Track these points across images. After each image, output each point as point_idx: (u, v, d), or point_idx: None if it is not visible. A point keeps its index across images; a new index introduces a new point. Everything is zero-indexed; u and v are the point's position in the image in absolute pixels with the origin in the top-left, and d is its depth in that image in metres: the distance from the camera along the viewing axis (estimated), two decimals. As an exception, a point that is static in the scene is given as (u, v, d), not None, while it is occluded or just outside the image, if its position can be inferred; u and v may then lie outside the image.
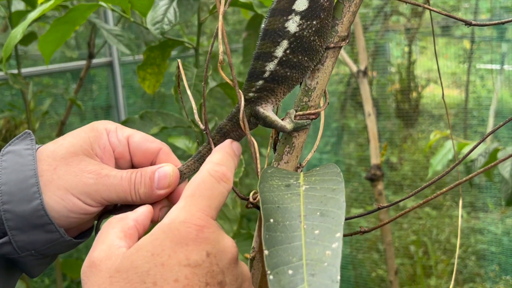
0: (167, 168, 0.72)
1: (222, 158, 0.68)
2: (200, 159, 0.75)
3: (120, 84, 3.03)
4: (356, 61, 2.83)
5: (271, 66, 0.70)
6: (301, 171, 0.77)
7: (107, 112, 3.13)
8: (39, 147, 0.71)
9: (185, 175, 0.74)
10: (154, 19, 1.28)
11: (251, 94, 0.72)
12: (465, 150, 2.46)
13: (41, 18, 2.07)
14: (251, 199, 0.73)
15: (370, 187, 2.66)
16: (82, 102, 3.11)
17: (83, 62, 2.80)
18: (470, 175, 0.70)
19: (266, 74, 0.71)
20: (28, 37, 2.22)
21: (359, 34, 2.31)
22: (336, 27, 0.72)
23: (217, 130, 0.76)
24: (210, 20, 3.78)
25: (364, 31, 3.51)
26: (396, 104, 3.79)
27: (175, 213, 0.60)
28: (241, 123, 0.72)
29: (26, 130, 0.74)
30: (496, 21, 0.81)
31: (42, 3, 1.33)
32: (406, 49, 4.07)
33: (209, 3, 2.60)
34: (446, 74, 4.02)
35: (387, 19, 3.74)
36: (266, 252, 0.52)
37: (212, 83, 1.71)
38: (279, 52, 0.69)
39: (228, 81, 0.73)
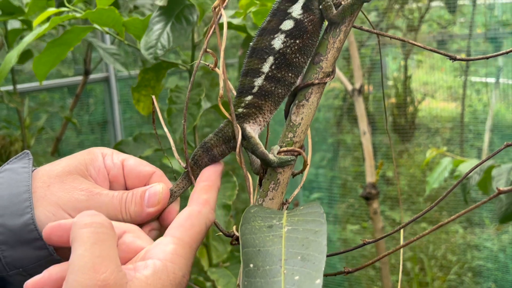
0: (157, 186, 0.73)
1: (210, 196, 0.70)
2: (187, 177, 0.76)
3: (116, 100, 3.03)
4: (351, 77, 2.84)
5: (259, 81, 0.73)
6: (287, 207, 0.76)
7: (103, 127, 3.13)
8: (36, 168, 0.73)
9: (175, 193, 0.75)
10: (148, 43, 1.28)
11: (240, 110, 0.74)
12: (461, 166, 2.46)
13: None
14: (236, 234, 0.73)
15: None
16: (78, 117, 3.11)
17: (79, 78, 2.80)
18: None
19: (255, 89, 0.73)
20: (24, 55, 2.22)
21: (354, 52, 2.32)
22: (320, 63, 0.73)
23: (201, 144, 0.77)
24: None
25: (360, 47, 3.52)
26: (392, 118, 3.80)
27: (166, 257, 0.61)
28: (237, 153, 0.73)
29: (25, 150, 0.75)
30: (481, 56, 0.81)
31: (37, 25, 1.33)
32: (403, 62, 4.09)
33: (205, 21, 2.61)
34: (442, 88, 4.04)
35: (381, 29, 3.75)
36: None
37: (206, 104, 1.71)
38: (266, 68, 0.73)
39: (228, 116, 0.73)
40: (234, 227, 0.74)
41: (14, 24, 2.12)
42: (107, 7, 1.28)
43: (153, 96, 0.80)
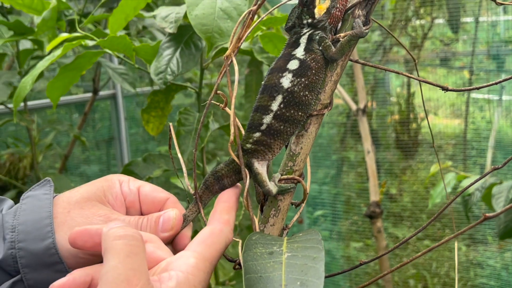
0: (171, 212, 0.76)
1: (230, 217, 0.74)
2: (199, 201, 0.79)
3: (123, 116, 3.07)
4: (355, 95, 2.87)
5: (267, 119, 0.76)
6: (287, 233, 0.79)
7: (109, 143, 3.16)
8: (57, 195, 0.77)
9: (188, 218, 0.78)
10: (158, 69, 1.31)
11: (248, 145, 0.77)
12: (464, 182, 2.49)
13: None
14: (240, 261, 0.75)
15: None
16: (85, 133, 3.14)
17: (86, 95, 2.83)
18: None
19: (263, 127, 0.76)
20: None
21: (358, 73, 2.35)
22: (318, 95, 0.77)
23: (212, 172, 0.80)
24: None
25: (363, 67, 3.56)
26: (395, 135, 3.82)
27: (188, 270, 0.64)
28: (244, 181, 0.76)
29: (46, 178, 0.79)
30: (474, 86, 0.83)
31: (50, 51, 1.37)
32: (406, 80, 4.11)
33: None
34: (445, 105, 4.06)
35: (387, 52, 3.79)
36: None
37: (214, 125, 1.74)
38: (275, 106, 0.76)
39: (235, 158, 0.76)
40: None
41: (25, 44, 2.16)
42: (118, 35, 1.31)
43: (170, 124, 0.83)
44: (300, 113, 0.76)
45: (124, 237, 0.60)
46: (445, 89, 0.81)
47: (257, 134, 0.76)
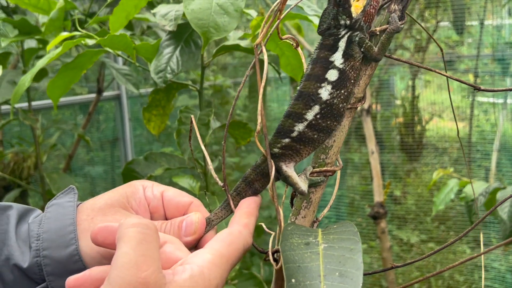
0: (193, 216, 0.76)
1: (250, 221, 0.73)
2: (227, 207, 0.79)
3: (127, 117, 3.08)
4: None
5: (300, 127, 0.75)
6: (317, 225, 0.79)
7: (114, 144, 3.17)
8: (81, 202, 0.78)
9: (213, 222, 0.77)
10: (158, 67, 1.32)
11: (276, 150, 0.76)
12: (467, 187, 2.47)
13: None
14: (270, 254, 0.75)
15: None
16: (89, 134, 3.15)
17: (91, 96, 2.85)
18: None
19: (294, 134, 0.75)
20: (39, 73, 2.28)
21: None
22: (353, 89, 0.76)
23: (242, 179, 0.79)
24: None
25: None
26: (400, 137, 3.82)
27: (203, 264, 0.64)
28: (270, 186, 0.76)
29: (71, 186, 0.80)
30: (505, 88, 0.81)
31: (50, 50, 1.38)
32: (410, 82, 4.11)
33: (216, 42, 2.66)
34: (450, 108, 4.05)
35: (391, 54, 3.78)
36: None
37: (215, 124, 1.74)
38: (310, 115, 0.74)
39: (263, 151, 0.76)
40: (272, 250, 0.76)
41: (30, 43, 2.18)
42: (118, 33, 1.32)
43: (192, 116, 0.83)
44: (335, 123, 0.75)
45: (138, 225, 0.60)
46: (477, 88, 0.81)
47: (286, 140, 0.75)
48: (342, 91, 0.74)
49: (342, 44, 0.74)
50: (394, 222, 3.43)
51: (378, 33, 0.74)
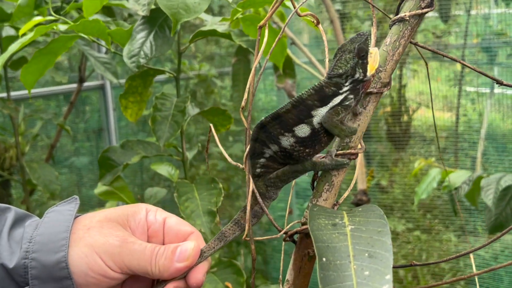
0: (190, 243, 0.76)
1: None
2: (221, 237, 0.78)
3: (111, 107, 3.06)
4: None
5: (268, 151, 0.75)
6: (337, 208, 0.79)
7: (99, 135, 3.16)
8: (83, 214, 0.78)
9: (205, 254, 0.77)
10: (130, 52, 1.30)
11: (258, 170, 0.76)
12: (450, 177, 2.47)
13: (31, 44, 2.11)
14: (286, 231, 0.75)
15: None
16: (74, 125, 3.14)
17: (75, 85, 2.83)
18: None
19: (267, 155, 0.75)
20: (18, 62, 2.26)
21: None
22: (379, 74, 0.75)
23: (241, 210, 0.79)
24: (203, 43, 3.82)
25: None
26: (387, 127, 3.82)
27: None
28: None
29: (74, 196, 0.81)
30: None
31: (22, 35, 1.36)
32: (398, 72, 4.11)
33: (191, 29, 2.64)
34: (438, 97, 4.05)
35: (378, 42, 3.78)
36: None
37: (194, 110, 1.73)
38: (270, 151, 0.74)
39: (244, 121, 0.75)
40: (294, 230, 0.76)
41: (9, 31, 2.16)
42: (91, 19, 1.30)
43: (211, 125, 0.83)
44: (304, 155, 0.74)
45: None
46: (500, 83, 0.81)
47: (262, 160, 0.75)
48: (307, 150, 0.73)
49: (337, 100, 0.72)
50: (380, 211, 3.43)
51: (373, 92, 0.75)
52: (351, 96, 0.72)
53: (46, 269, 0.70)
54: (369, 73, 0.72)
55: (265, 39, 0.72)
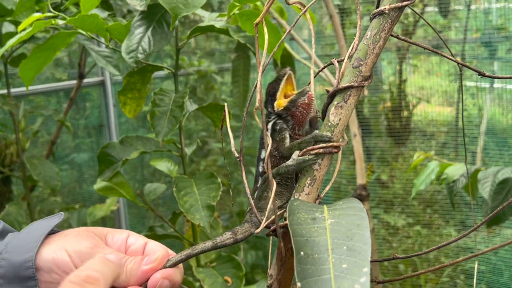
0: (160, 249, 0.78)
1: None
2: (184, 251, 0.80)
3: (111, 103, 3.06)
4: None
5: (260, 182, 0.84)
6: (319, 202, 0.79)
7: (99, 131, 3.16)
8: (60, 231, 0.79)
9: (170, 262, 0.77)
10: (129, 47, 1.31)
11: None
12: (448, 170, 2.47)
13: (31, 40, 2.12)
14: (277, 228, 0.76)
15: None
16: (74, 121, 3.14)
17: (75, 82, 2.83)
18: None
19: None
20: (19, 58, 2.26)
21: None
22: (360, 67, 0.75)
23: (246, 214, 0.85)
24: (203, 39, 3.82)
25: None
26: (387, 122, 3.82)
27: None
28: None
29: (61, 212, 0.82)
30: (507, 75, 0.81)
31: (21, 31, 1.37)
32: (398, 67, 4.10)
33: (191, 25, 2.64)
34: (438, 92, 4.05)
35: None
36: (299, 284, 0.54)
37: (192, 106, 1.74)
38: (259, 183, 0.84)
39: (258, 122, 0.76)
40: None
41: (9, 27, 2.16)
42: (89, 14, 1.31)
43: (226, 104, 0.86)
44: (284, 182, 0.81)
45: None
46: (481, 74, 0.80)
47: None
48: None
49: (269, 127, 0.81)
50: (381, 206, 3.44)
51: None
52: (280, 121, 0.81)
53: (13, 268, 0.70)
54: (277, 108, 0.81)
55: (266, 36, 0.73)
